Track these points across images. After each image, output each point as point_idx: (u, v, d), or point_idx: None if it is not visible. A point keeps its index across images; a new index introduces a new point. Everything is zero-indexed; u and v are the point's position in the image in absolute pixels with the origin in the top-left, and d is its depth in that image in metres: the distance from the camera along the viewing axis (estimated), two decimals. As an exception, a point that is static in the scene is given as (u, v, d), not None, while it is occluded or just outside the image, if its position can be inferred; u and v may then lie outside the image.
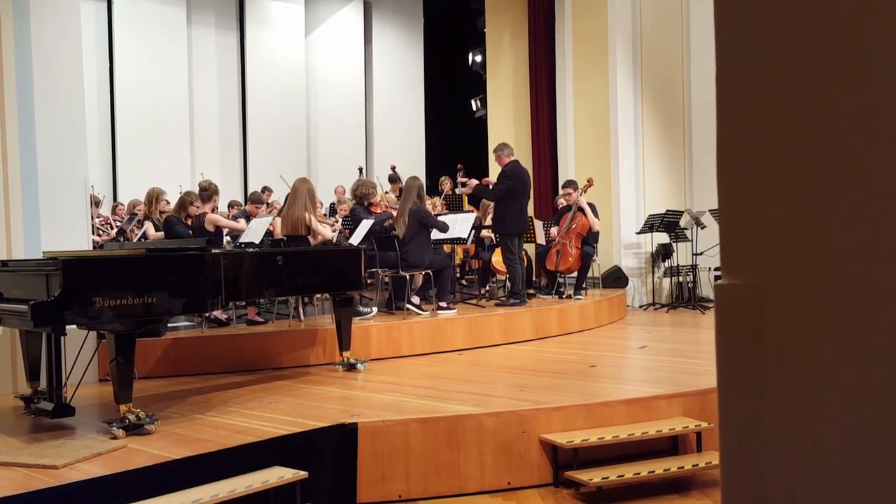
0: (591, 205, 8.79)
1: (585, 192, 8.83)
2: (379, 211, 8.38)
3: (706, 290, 10.22)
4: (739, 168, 1.04)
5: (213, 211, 7.27)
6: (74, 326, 4.06)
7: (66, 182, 5.68)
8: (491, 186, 8.06)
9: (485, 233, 9.26)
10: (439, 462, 4.22)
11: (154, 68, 12.81)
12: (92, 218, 7.36)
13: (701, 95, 10.55)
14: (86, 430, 4.23)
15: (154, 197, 8.10)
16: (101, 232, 9.18)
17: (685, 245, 10.01)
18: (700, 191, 10.65)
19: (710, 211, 9.68)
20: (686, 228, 9.87)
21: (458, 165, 10.62)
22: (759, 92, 1.01)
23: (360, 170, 11.97)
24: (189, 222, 7.17)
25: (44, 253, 4.98)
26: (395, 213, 7.93)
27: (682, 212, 9.89)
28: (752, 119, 1.02)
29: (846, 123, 0.92)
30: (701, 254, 9.71)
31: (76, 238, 5.69)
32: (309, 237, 6.86)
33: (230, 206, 10.32)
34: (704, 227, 9.70)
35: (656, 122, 10.57)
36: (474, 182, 8.33)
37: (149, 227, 7.93)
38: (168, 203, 8.46)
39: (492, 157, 8.25)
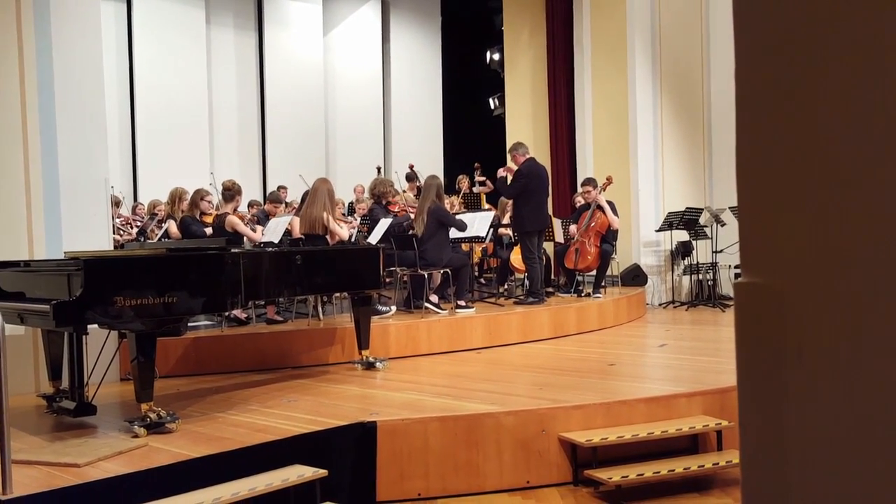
0: (610, 203, 8.75)
1: (605, 190, 8.79)
2: (397, 209, 8.39)
3: (726, 287, 10.15)
4: (759, 165, 1.03)
5: (234, 211, 7.32)
6: (96, 326, 4.11)
7: (86, 182, 5.74)
8: (508, 183, 8.08)
9: (503, 231, 9.25)
10: (458, 461, 4.22)
11: (173, 69, 12.91)
12: (112, 218, 7.44)
13: (720, 92, 10.47)
14: (107, 429, 4.28)
15: (178, 196, 8.18)
16: (121, 232, 9.27)
17: (705, 242, 9.94)
18: (720, 188, 10.58)
19: (730, 208, 9.61)
20: (706, 226, 9.81)
21: (476, 164, 10.61)
22: (778, 88, 1.00)
23: (379, 169, 12.00)
24: (204, 220, 7.22)
25: (65, 253, 5.04)
26: (412, 215, 7.94)
27: (702, 209, 9.83)
28: (772, 116, 1.01)
29: (868, 121, 0.91)
30: (721, 251, 9.64)
31: (97, 238, 5.75)
32: (327, 237, 6.89)
33: (249, 205, 10.37)
34: (724, 224, 9.63)
35: (676, 119, 10.50)
36: (501, 174, 8.31)
37: (171, 225, 8.01)
38: (189, 203, 8.55)
39: (509, 155, 8.24)
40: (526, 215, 7.80)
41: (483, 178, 8.36)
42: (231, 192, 7.23)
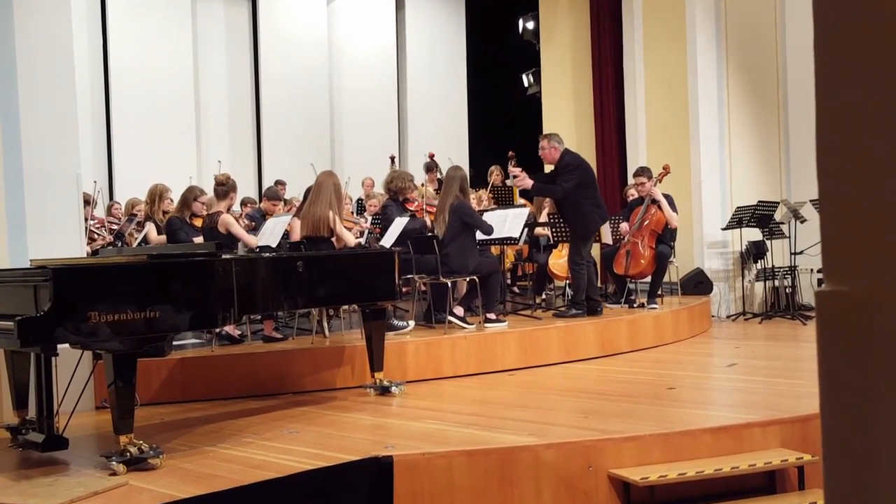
0: (667, 196, 8.71)
1: (661, 181, 8.76)
2: (414, 207, 8.39)
3: (807, 296, 10.06)
4: (844, 151, 1.03)
5: (228, 210, 7.34)
6: (67, 345, 4.15)
7: (55, 180, 5.80)
8: (556, 182, 7.91)
9: (540, 231, 9.22)
10: (489, 502, 4.21)
11: (154, 46, 13.01)
12: (85, 220, 7.51)
13: (798, 63, 10.38)
14: (81, 466, 4.32)
15: (158, 195, 8.22)
16: (95, 236, 9.38)
17: (781, 243, 9.87)
18: (798, 177, 10.48)
19: (811, 201, 9.53)
20: (782, 223, 9.73)
21: (510, 153, 10.60)
22: (868, 58, 0.99)
23: (392, 159, 12.03)
24: (194, 223, 7.26)
25: (31, 261, 5.10)
26: (429, 222, 7.94)
27: (777, 203, 9.75)
28: (860, 92, 1.00)
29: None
30: (801, 253, 9.56)
31: (68, 243, 5.80)
32: (332, 240, 6.90)
33: (243, 203, 10.44)
34: (805, 220, 9.55)
35: (745, 95, 10.43)
36: (530, 182, 7.94)
37: (150, 229, 8.06)
38: (173, 202, 8.60)
39: (541, 149, 8.11)
40: (586, 212, 7.70)
41: (518, 171, 8.18)
42: (225, 187, 7.26)
